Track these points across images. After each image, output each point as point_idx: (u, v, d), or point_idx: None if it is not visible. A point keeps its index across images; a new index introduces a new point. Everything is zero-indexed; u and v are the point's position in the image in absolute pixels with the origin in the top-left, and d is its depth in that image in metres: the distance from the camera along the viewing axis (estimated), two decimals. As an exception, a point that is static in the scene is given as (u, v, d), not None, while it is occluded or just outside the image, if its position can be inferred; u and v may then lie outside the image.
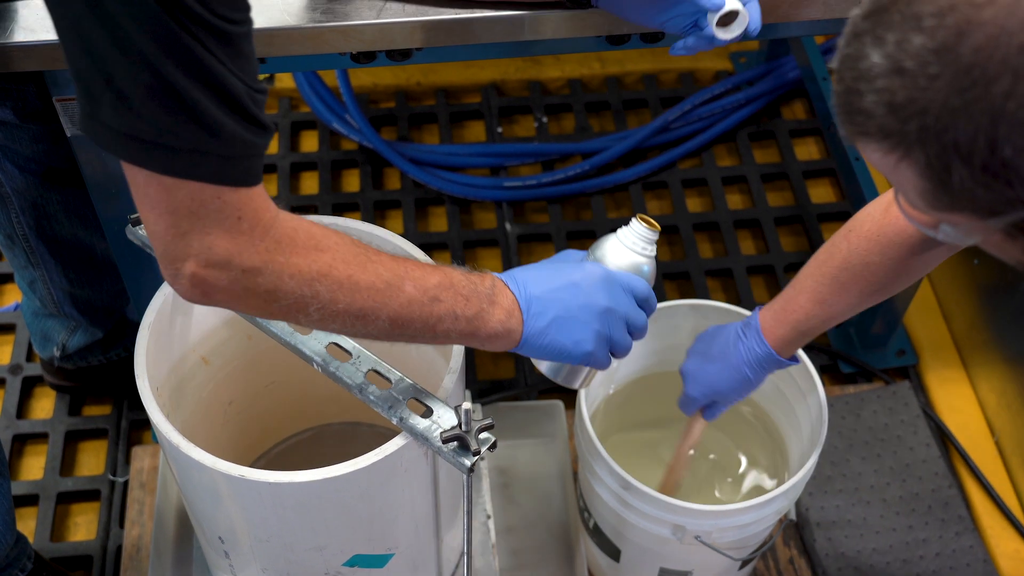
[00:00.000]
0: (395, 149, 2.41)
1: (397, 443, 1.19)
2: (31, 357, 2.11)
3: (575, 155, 2.46)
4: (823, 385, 1.56)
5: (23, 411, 2.06)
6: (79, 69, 0.87)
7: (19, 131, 1.56)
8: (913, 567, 1.83)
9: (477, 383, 2.05)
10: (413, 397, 1.19)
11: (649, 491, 1.47)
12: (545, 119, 2.54)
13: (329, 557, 1.30)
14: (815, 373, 1.57)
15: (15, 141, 1.57)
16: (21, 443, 2.02)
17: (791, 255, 2.31)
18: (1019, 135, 0.76)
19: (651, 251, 1.22)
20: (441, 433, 1.15)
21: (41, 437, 2.02)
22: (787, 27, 1.52)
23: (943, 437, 2.02)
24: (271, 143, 1.13)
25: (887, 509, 1.89)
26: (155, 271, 1.77)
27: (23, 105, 1.53)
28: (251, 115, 0.91)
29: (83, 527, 1.93)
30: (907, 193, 0.86)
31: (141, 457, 1.93)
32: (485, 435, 1.15)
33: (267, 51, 1.41)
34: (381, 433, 1.70)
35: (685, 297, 2.21)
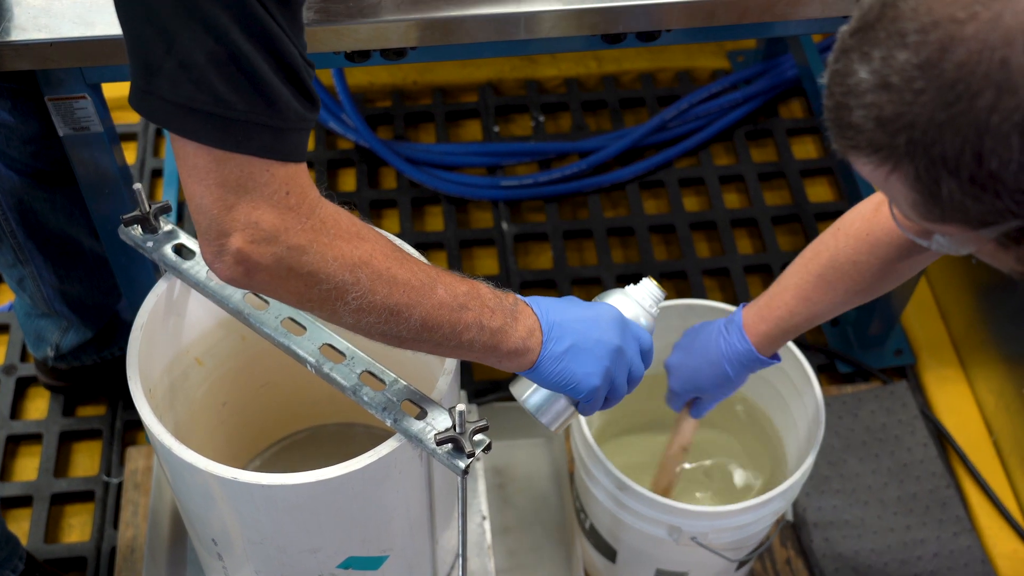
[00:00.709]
0: (391, 148, 2.40)
1: (391, 445, 1.18)
2: (25, 357, 2.10)
3: (572, 154, 2.45)
4: (820, 385, 1.56)
5: (17, 411, 2.05)
6: (139, 38, 0.88)
7: (11, 131, 1.55)
8: (911, 567, 1.82)
9: (474, 383, 2.04)
10: (407, 399, 1.19)
11: (645, 492, 1.46)
12: (542, 118, 2.53)
13: (323, 559, 1.29)
14: (812, 373, 1.57)
15: (7, 141, 1.56)
16: (15, 444, 2.01)
17: (788, 254, 2.30)
18: (1004, 148, 0.77)
19: (655, 312, 1.26)
20: (435, 435, 1.14)
21: (35, 438, 2.01)
22: (784, 26, 1.51)
23: (941, 437, 2.01)
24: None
25: (884, 509, 1.88)
26: (148, 270, 1.78)
27: (15, 105, 1.52)
28: (305, 87, 0.93)
29: (77, 528, 1.93)
30: (900, 205, 0.87)
31: (135, 458, 1.92)
32: (479, 437, 1.14)
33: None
34: (376, 434, 1.69)
35: (682, 296, 2.21)
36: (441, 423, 1.16)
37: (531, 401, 1.21)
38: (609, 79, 2.59)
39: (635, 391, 1.72)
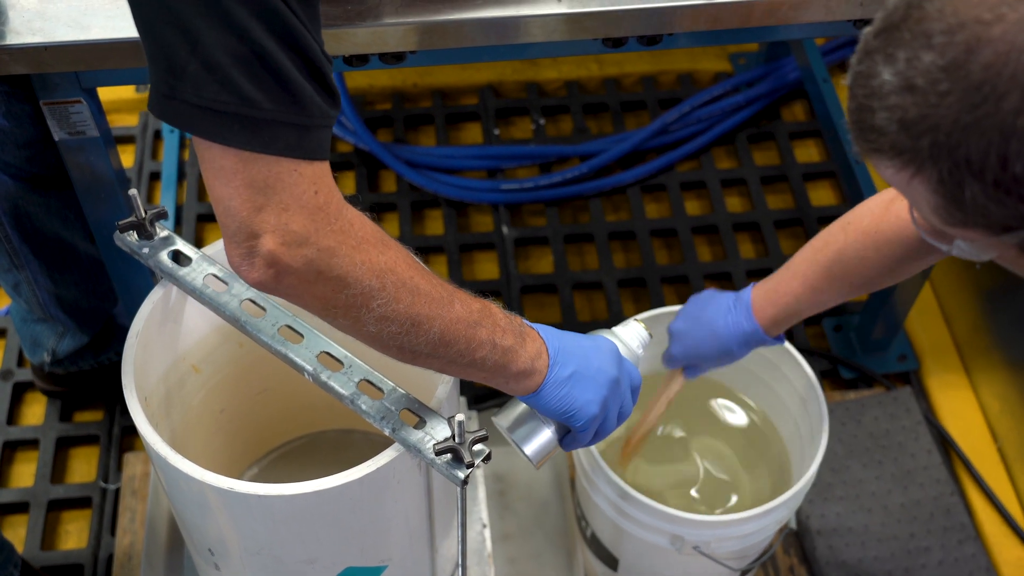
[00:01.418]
0: (391, 151, 2.38)
1: (389, 455, 1.16)
2: (22, 362, 2.08)
3: (573, 157, 2.43)
4: (823, 391, 1.55)
5: (14, 417, 2.03)
6: (161, 41, 0.87)
7: (6, 136, 1.54)
8: (915, 575, 1.81)
9: (473, 388, 2.02)
10: (406, 408, 1.17)
11: (647, 501, 1.45)
12: (542, 121, 2.51)
13: (321, 570, 1.27)
14: (815, 380, 1.55)
15: (1, 145, 1.55)
16: (12, 450, 2.00)
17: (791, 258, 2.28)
18: None
19: (641, 353, 1.29)
20: (434, 445, 1.13)
21: (32, 443, 2.00)
22: (788, 29, 1.50)
23: (945, 443, 1.99)
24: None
25: (888, 516, 1.86)
26: (145, 274, 1.77)
27: (10, 109, 1.51)
28: (327, 82, 0.92)
29: (74, 535, 1.91)
30: (921, 209, 0.86)
31: (133, 464, 1.90)
32: (479, 447, 1.13)
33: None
34: (375, 441, 1.68)
35: (684, 301, 2.19)
36: (440, 433, 1.15)
37: (518, 432, 1.20)
38: (610, 82, 2.58)
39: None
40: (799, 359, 1.58)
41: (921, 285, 1.99)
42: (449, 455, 1.13)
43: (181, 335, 1.39)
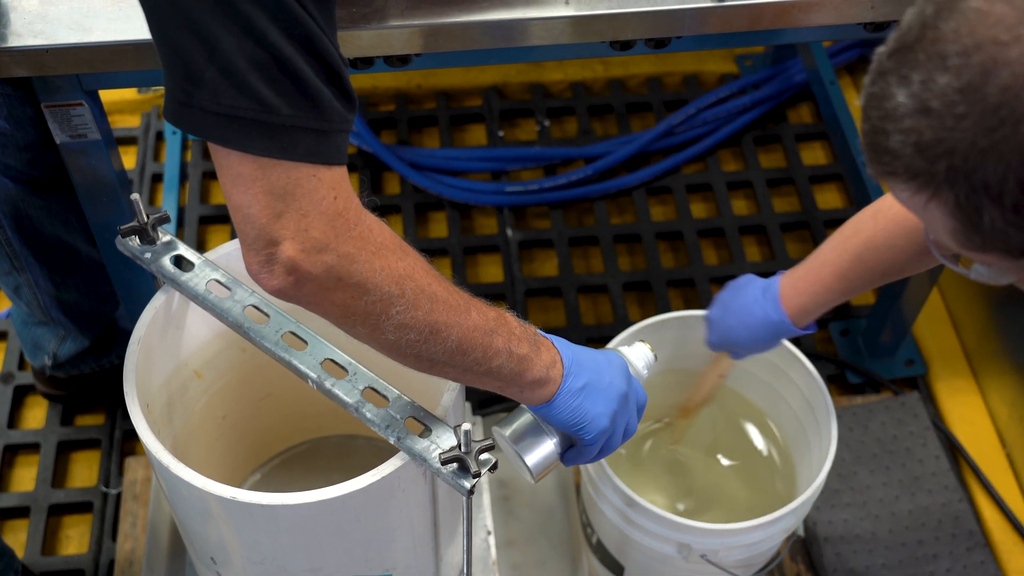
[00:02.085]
0: (394, 153, 2.37)
1: (394, 464, 1.15)
2: (23, 365, 2.07)
3: (578, 159, 2.42)
4: (830, 395, 1.53)
5: (14, 421, 2.02)
6: (178, 48, 0.86)
7: (6, 138, 1.52)
8: (923, 583, 1.79)
9: (477, 393, 2.01)
10: (411, 416, 1.16)
11: (654, 509, 1.43)
12: (547, 122, 2.50)
13: (325, 579, 1.26)
14: (823, 385, 1.54)
15: (2, 148, 1.54)
16: (12, 453, 1.98)
17: (797, 261, 2.26)
18: None
19: (646, 375, 1.29)
20: (440, 454, 1.11)
21: (33, 447, 1.98)
22: (797, 32, 1.48)
23: (953, 449, 1.98)
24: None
25: (896, 523, 1.85)
26: (147, 277, 1.75)
27: (11, 112, 1.50)
28: (344, 86, 0.91)
29: (75, 540, 1.90)
30: (937, 233, 0.84)
31: (134, 468, 1.89)
32: (485, 456, 1.11)
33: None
34: (378, 446, 1.67)
35: (690, 306, 2.18)
36: (446, 441, 1.13)
37: (522, 443, 1.18)
38: (616, 83, 2.56)
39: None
40: (807, 364, 1.56)
41: (929, 289, 1.97)
42: (455, 464, 1.11)
43: (183, 341, 1.37)
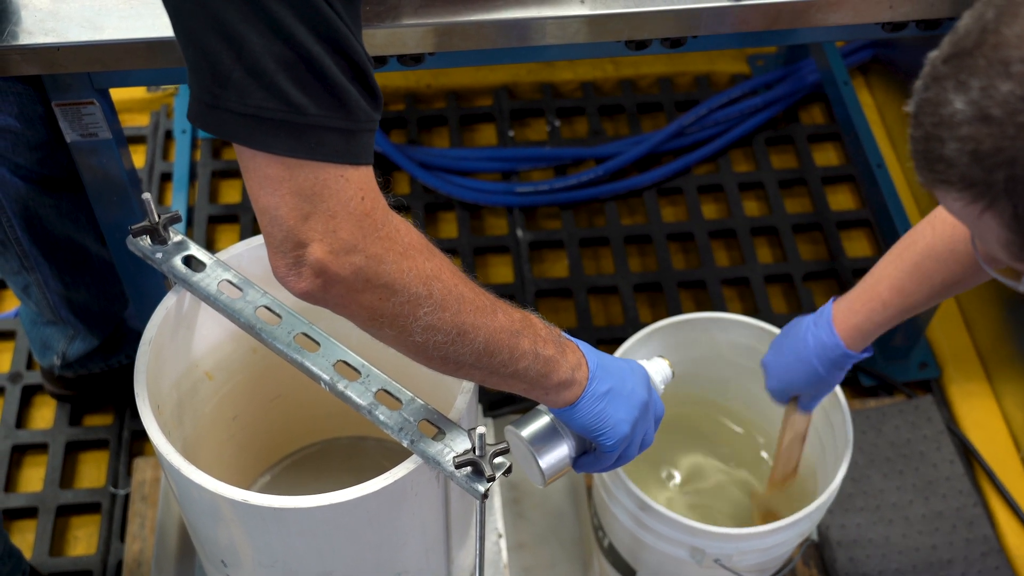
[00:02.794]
0: (404, 153, 2.36)
1: (407, 467, 1.14)
2: (31, 365, 2.06)
3: (588, 160, 2.40)
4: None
5: (23, 421, 2.01)
6: (205, 49, 0.85)
7: (17, 137, 1.52)
8: (937, 588, 1.78)
9: (488, 395, 1.99)
10: (424, 419, 1.14)
11: (668, 513, 1.42)
12: (558, 122, 2.48)
13: (336, 583, 1.25)
14: (840, 393, 1.52)
15: (14, 147, 1.53)
16: (20, 454, 1.97)
17: (809, 264, 2.25)
18: None
19: (662, 391, 1.28)
20: (454, 458, 1.10)
21: (41, 448, 1.97)
22: (814, 32, 1.47)
23: (967, 453, 1.96)
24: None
25: (910, 528, 1.83)
26: (157, 277, 1.74)
27: (22, 111, 1.49)
28: (371, 84, 0.91)
29: (83, 541, 1.89)
30: (988, 244, 0.83)
31: (143, 469, 1.88)
32: (500, 460, 1.10)
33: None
34: (389, 448, 1.65)
35: (701, 308, 2.16)
36: (460, 445, 1.12)
37: (537, 444, 1.18)
38: (627, 83, 2.54)
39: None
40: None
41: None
42: (469, 468, 1.10)
43: (194, 341, 1.36)
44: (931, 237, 1.26)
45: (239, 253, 1.32)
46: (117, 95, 1.51)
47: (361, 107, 0.89)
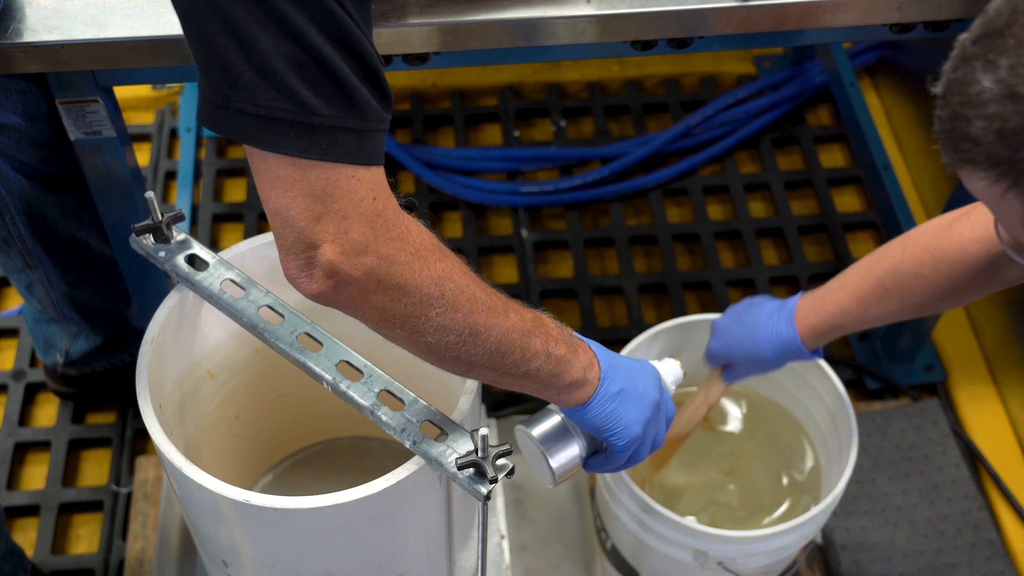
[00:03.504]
0: (409, 152, 2.35)
1: (409, 468, 1.13)
2: (34, 362, 2.06)
3: (594, 160, 2.40)
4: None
5: (26, 418, 2.01)
6: (215, 50, 0.85)
7: (21, 135, 1.51)
8: (941, 593, 1.77)
9: (491, 395, 1.99)
10: (427, 420, 1.14)
11: (671, 515, 1.41)
12: (563, 123, 2.48)
13: (337, 584, 1.24)
14: (845, 395, 1.51)
15: (17, 145, 1.53)
16: (23, 451, 1.97)
17: (815, 265, 2.25)
18: None
19: (672, 392, 1.28)
20: (456, 459, 1.10)
21: (43, 445, 1.97)
22: (821, 33, 1.46)
23: (973, 457, 1.95)
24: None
25: (915, 531, 1.82)
26: (160, 275, 1.74)
27: (26, 108, 1.48)
28: (382, 84, 0.90)
29: (85, 539, 1.89)
30: (1011, 225, 0.82)
31: (145, 467, 1.88)
32: (502, 461, 1.10)
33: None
34: (391, 448, 1.65)
35: (706, 308, 2.16)
36: (462, 447, 1.11)
37: (548, 444, 1.17)
38: (632, 84, 2.54)
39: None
40: (830, 373, 1.54)
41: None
42: (471, 469, 1.09)
43: (196, 340, 1.36)
44: (900, 256, 1.27)
45: (242, 252, 1.32)
46: (122, 93, 1.50)
47: (372, 107, 0.89)
